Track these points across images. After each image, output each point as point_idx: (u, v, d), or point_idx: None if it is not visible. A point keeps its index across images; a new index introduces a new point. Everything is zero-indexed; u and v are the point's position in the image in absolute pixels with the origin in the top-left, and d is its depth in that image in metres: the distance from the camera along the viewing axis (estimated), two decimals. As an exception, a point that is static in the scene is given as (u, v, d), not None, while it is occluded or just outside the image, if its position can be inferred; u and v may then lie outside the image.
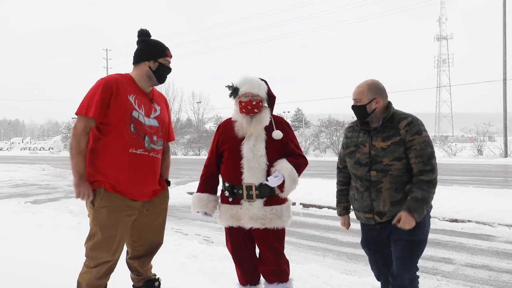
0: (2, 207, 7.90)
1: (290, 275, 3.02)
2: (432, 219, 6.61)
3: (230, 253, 3.07)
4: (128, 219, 2.73)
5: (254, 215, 2.82)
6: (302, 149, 3.07)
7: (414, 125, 2.55)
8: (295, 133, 3.32)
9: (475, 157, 26.82)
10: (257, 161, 2.82)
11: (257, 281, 3.08)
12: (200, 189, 3.05)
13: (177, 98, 56.30)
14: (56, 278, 3.62)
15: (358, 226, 2.92)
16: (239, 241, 2.97)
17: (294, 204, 8.39)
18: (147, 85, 2.84)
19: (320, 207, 8.34)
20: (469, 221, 6.69)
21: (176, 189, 11.05)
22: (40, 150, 61.54)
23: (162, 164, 3.02)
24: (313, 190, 9.14)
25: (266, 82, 3.00)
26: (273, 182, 2.77)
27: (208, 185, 3.05)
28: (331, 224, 6.90)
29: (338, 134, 33.45)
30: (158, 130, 2.85)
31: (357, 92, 2.68)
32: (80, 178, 2.60)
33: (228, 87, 2.96)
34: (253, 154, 2.83)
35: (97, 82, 2.70)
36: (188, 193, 10.29)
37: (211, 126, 52.50)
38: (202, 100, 57.50)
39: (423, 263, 4.57)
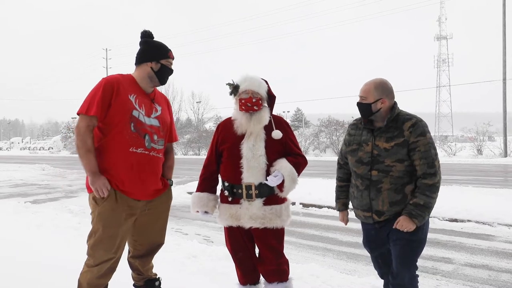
0: (2, 207, 7.90)
1: (290, 275, 3.01)
2: (432, 219, 6.62)
3: (230, 253, 3.07)
4: (130, 218, 2.74)
5: (254, 215, 2.82)
6: (302, 149, 3.07)
7: (419, 127, 2.54)
8: (295, 133, 3.32)
9: (475, 157, 26.81)
10: (257, 161, 2.82)
11: (257, 281, 3.08)
12: (200, 189, 3.05)
13: (177, 98, 56.41)
14: (56, 278, 3.62)
15: (358, 226, 2.93)
16: (239, 241, 2.97)
17: (294, 204, 8.40)
18: (149, 86, 2.85)
19: (320, 207, 8.34)
20: (469, 221, 6.69)
21: (176, 189, 11.03)
22: (40, 150, 61.51)
23: (165, 164, 3.03)
24: (313, 190, 9.14)
25: (267, 82, 3.00)
26: (273, 182, 2.77)
27: (208, 185, 3.05)
28: (331, 224, 6.91)
29: (338, 134, 33.44)
30: (159, 130, 2.85)
31: (364, 90, 2.67)
32: (94, 175, 2.61)
33: (229, 85, 2.96)
34: (253, 154, 2.83)
35: (99, 82, 2.73)
36: (188, 193, 10.29)
37: (211, 126, 52.52)
38: (202, 100, 57.55)
39: (423, 263, 4.57)
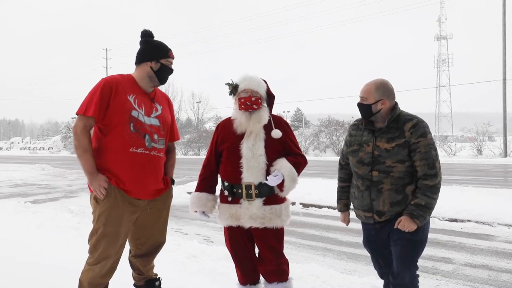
0: (2, 207, 7.89)
1: (290, 275, 3.01)
2: (432, 219, 6.61)
3: (230, 253, 3.07)
4: (131, 217, 2.74)
5: (254, 215, 2.82)
6: (302, 149, 3.07)
7: (420, 127, 2.54)
8: (295, 133, 3.32)
9: (475, 157, 26.81)
10: (257, 160, 2.82)
11: (257, 281, 3.07)
12: (199, 189, 3.05)
13: (177, 98, 56.38)
14: (56, 278, 3.62)
15: (358, 226, 2.93)
16: (239, 241, 2.97)
17: (294, 204, 8.40)
18: (149, 86, 2.84)
19: (320, 207, 8.34)
20: (469, 221, 6.70)
21: (176, 189, 11.02)
22: (40, 150, 61.51)
23: (167, 163, 3.04)
24: (313, 190, 9.14)
25: (266, 82, 3.01)
26: (273, 182, 2.77)
27: (207, 185, 3.05)
28: (331, 224, 6.91)
29: (338, 134, 33.44)
30: (159, 129, 2.85)
31: (365, 90, 2.67)
32: (91, 176, 2.62)
33: (228, 85, 2.96)
34: (252, 154, 2.83)
35: (98, 83, 2.73)
36: (188, 193, 10.29)
37: (211, 126, 52.50)
38: (202, 100, 57.57)
39: (423, 263, 4.57)
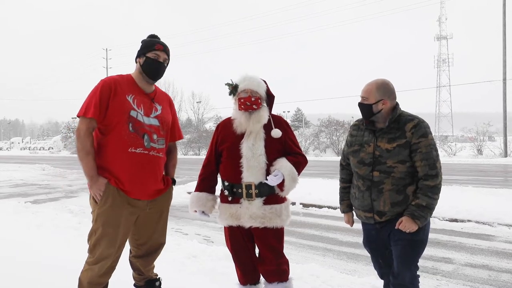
0: (2, 207, 7.89)
1: (290, 275, 3.01)
2: (432, 219, 6.60)
3: (230, 253, 3.07)
4: (131, 217, 2.74)
5: (254, 214, 2.82)
6: (302, 149, 3.06)
7: (421, 128, 2.53)
8: (295, 133, 3.31)
9: (475, 157, 26.81)
10: (257, 160, 2.82)
11: (257, 281, 3.07)
12: (199, 188, 3.05)
13: (177, 98, 56.54)
14: (56, 278, 3.62)
15: (358, 226, 2.92)
16: (239, 241, 2.97)
17: (294, 204, 8.40)
18: (146, 84, 2.84)
19: (320, 207, 8.34)
20: (469, 221, 6.69)
21: (176, 189, 10.99)
22: (40, 150, 61.53)
23: (169, 163, 3.04)
24: (313, 190, 9.14)
25: (266, 82, 3.00)
26: (273, 181, 2.77)
27: (207, 185, 3.05)
28: (331, 224, 6.90)
29: (338, 134, 33.45)
30: (159, 129, 2.84)
31: (365, 90, 2.66)
32: (92, 179, 2.63)
33: (228, 85, 2.96)
34: (252, 153, 2.83)
35: (97, 84, 2.74)
36: (188, 193, 10.28)
37: (211, 126, 52.53)
38: (202, 100, 57.68)
39: (423, 263, 4.57)
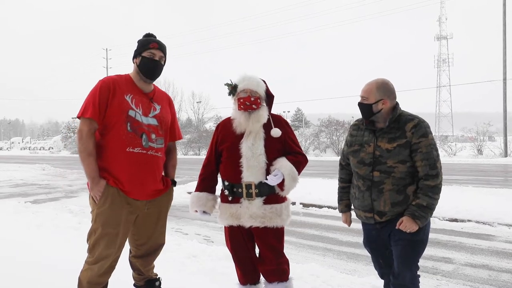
0: (2, 207, 7.90)
1: (290, 275, 3.01)
2: (432, 219, 6.60)
3: (230, 253, 3.07)
4: (130, 217, 2.74)
5: (254, 214, 2.82)
6: (302, 149, 3.06)
7: (421, 127, 2.53)
8: (295, 133, 3.31)
9: (475, 157, 26.82)
10: (256, 160, 2.82)
11: (257, 281, 3.07)
12: (199, 188, 3.05)
13: (177, 98, 56.56)
14: (56, 278, 3.62)
15: (358, 226, 2.92)
16: (239, 240, 2.97)
17: (294, 204, 8.40)
18: (144, 84, 2.84)
19: (320, 207, 8.34)
20: (469, 221, 6.69)
21: (176, 189, 10.94)
22: (40, 150, 61.57)
23: (168, 163, 3.03)
24: (313, 190, 9.14)
25: (265, 82, 3.00)
26: (273, 181, 2.77)
27: (207, 184, 3.05)
28: (331, 224, 6.90)
29: (338, 134, 33.46)
30: (158, 129, 2.84)
31: (365, 90, 2.66)
32: (93, 181, 2.63)
33: (227, 85, 2.96)
34: (252, 153, 2.83)
35: (96, 85, 2.74)
36: (188, 193, 10.28)
37: (211, 126, 52.54)
38: (202, 100, 57.71)
39: (423, 263, 4.57)
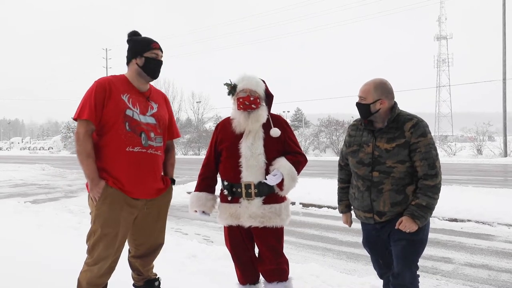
0: (2, 207, 7.89)
1: (290, 275, 3.02)
2: (432, 219, 6.60)
3: (230, 252, 3.07)
4: (130, 217, 2.73)
5: (253, 214, 2.82)
6: (302, 149, 3.06)
7: (420, 127, 2.53)
8: (295, 133, 3.31)
9: (475, 157, 26.81)
10: (256, 159, 2.82)
11: (257, 281, 3.08)
12: (198, 188, 3.05)
13: (177, 98, 56.61)
14: (56, 278, 3.62)
15: (358, 226, 2.92)
16: (239, 240, 2.97)
17: (294, 204, 8.39)
18: (141, 83, 2.84)
19: (320, 207, 8.34)
20: (469, 221, 6.69)
21: (176, 189, 10.98)
22: (40, 150, 61.56)
23: (167, 162, 3.03)
24: (313, 190, 9.14)
25: (264, 82, 3.01)
26: (272, 181, 2.77)
27: (207, 184, 3.05)
28: (331, 224, 6.91)
29: (338, 134, 33.45)
30: (156, 127, 2.84)
31: (363, 90, 2.66)
32: (92, 182, 2.63)
33: (227, 85, 2.97)
34: (252, 153, 2.83)
35: (91, 86, 2.73)
36: (188, 193, 10.28)
37: (211, 126, 52.52)
38: (202, 100, 57.65)
39: (423, 263, 4.57)
